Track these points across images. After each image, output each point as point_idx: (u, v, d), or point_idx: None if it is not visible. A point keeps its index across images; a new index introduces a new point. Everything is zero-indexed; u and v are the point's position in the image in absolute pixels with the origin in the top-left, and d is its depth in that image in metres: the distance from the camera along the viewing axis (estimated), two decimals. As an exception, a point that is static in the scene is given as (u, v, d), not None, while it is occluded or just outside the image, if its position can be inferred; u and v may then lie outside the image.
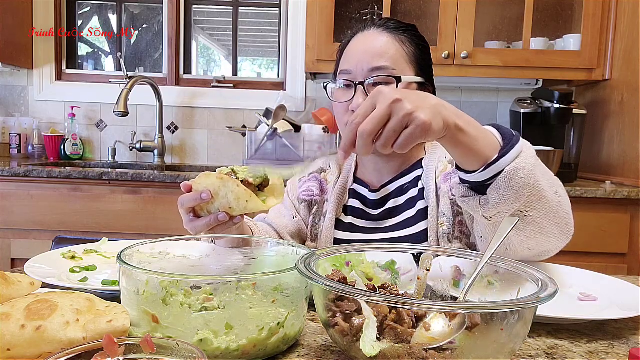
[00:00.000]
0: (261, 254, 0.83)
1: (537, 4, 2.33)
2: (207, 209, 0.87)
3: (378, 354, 0.54)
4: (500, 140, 0.79)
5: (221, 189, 0.82)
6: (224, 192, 0.81)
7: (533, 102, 2.41)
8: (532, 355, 0.66)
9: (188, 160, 2.84)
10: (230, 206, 0.82)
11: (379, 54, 1.07)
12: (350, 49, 1.12)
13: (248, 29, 2.99)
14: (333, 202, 1.17)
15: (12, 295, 0.62)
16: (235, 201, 0.81)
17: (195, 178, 0.86)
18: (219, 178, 0.81)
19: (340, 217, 1.17)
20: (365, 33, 1.12)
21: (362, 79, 1.07)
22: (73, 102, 2.78)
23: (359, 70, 1.07)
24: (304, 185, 1.23)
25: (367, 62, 1.07)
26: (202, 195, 0.83)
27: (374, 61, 1.06)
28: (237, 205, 0.82)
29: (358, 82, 1.07)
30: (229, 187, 0.81)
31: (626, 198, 2.01)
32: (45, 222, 2.14)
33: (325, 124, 2.45)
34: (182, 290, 0.65)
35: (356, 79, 1.08)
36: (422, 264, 0.76)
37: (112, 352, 0.47)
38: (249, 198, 0.80)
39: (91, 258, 1.00)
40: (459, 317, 0.56)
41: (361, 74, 1.07)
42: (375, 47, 1.08)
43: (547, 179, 0.82)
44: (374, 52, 1.07)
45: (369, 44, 1.09)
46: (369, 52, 1.07)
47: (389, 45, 1.08)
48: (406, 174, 1.16)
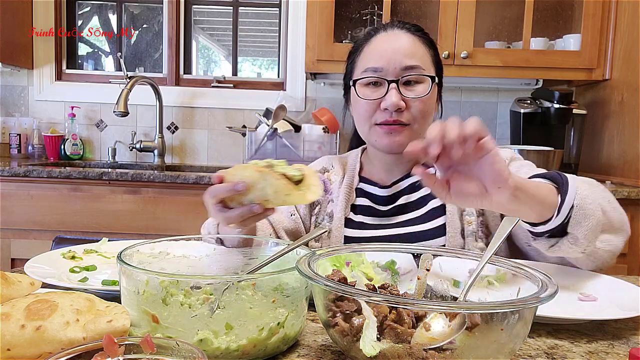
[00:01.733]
0: (261, 254, 0.83)
1: (537, 4, 2.33)
2: (239, 201, 0.84)
3: (378, 354, 0.54)
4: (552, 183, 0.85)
5: (259, 181, 0.79)
6: (262, 185, 0.79)
7: (533, 102, 2.41)
8: (532, 355, 0.66)
9: (188, 160, 2.84)
10: (267, 199, 0.80)
11: (410, 53, 1.09)
12: (376, 47, 1.12)
13: (248, 29, 2.99)
14: (341, 201, 1.17)
15: (12, 295, 0.62)
16: (273, 194, 0.79)
17: (229, 169, 0.84)
18: (258, 171, 0.79)
19: (350, 216, 1.17)
20: (389, 33, 1.12)
21: (394, 76, 1.07)
22: (73, 102, 2.78)
23: (391, 68, 1.07)
24: None
25: (399, 60, 1.07)
26: (238, 186, 0.80)
27: (406, 60, 1.08)
28: (275, 198, 0.80)
29: (391, 80, 1.07)
30: (269, 180, 0.79)
31: (626, 198, 2.01)
32: (45, 222, 2.14)
33: (325, 124, 2.45)
34: (182, 290, 0.65)
35: (387, 76, 1.08)
36: (422, 264, 0.76)
37: (112, 352, 0.47)
38: (288, 192, 0.78)
39: (91, 258, 1.00)
40: (459, 317, 0.56)
41: (393, 72, 1.08)
42: (405, 47, 1.09)
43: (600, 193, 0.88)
44: (405, 51, 1.08)
45: (397, 43, 1.10)
46: (400, 51, 1.08)
47: (417, 45, 1.11)
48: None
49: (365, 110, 1.11)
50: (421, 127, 1.10)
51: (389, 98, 1.06)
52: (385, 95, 1.07)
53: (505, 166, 0.71)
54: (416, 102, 1.08)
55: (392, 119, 1.07)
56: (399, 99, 1.06)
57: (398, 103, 1.06)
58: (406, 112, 1.08)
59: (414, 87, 1.09)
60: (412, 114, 1.08)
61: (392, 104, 1.06)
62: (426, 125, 1.11)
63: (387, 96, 1.07)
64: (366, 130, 1.13)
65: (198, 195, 2.14)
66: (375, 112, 1.10)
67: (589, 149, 2.51)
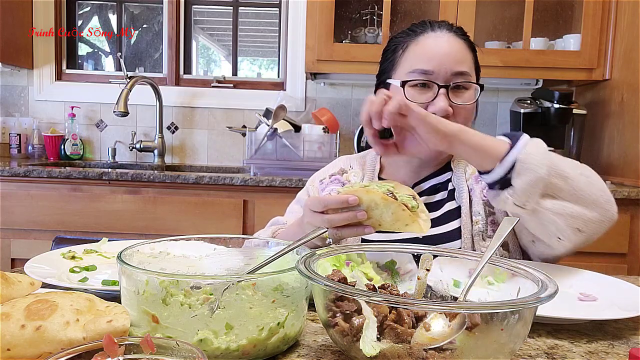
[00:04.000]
0: (261, 254, 0.83)
1: (537, 4, 2.33)
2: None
3: (378, 354, 0.54)
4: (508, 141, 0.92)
5: (381, 208, 0.81)
6: (382, 211, 0.81)
7: (533, 102, 2.41)
8: (532, 355, 0.66)
9: (188, 160, 2.84)
10: (381, 223, 0.82)
11: (461, 59, 1.08)
12: (426, 48, 1.09)
13: (248, 29, 2.99)
14: None
15: (12, 295, 0.62)
16: (391, 221, 0.81)
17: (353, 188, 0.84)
18: (384, 199, 0.80)
19: None
20: (438, 34, 1.10)
21: (444, 81, 1.06)
22: (73, 102, 2.78)
23: (442, 72, 1.06)
24: (326, 188, 1.20)
25: (450, 65, 1.06)
26: (350, 199, 0.80)
27: (457, 66, 1.06)
28: (391, 225, 0.82)
29: (442, 85, 1.06)
30: (392, 208, 0.80)
31: (626, 198, 2.01)
32: (45, 222, 2.14)
33: (325, 124, 2.45)
34: (182, 290, 0.65)
35: (437, 80, 1.06)
36: (422, 264, 0.76)
37: (112, 352, 0.47)
38: (410, 222, 0.80)
39: (91, 258, 1.00)
40: (459, 317, 0.56)
41: (443, 77, 1.06)
42: (455, 51, 1.08)
43: (568, 163, 0.92)
44: (456, 56, 1.07)
45: (448, 47, 1.08)
46: (451, 55, 1.07)
47: (465, 51, 1.10)
48: (439, 174, 1.17)
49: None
50: None
51: (437, 103, 1.05)
52: (433, 99, 1.06)
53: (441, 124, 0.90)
54: (462, 109, 1.07)
55: None
56: (447, 104, 1.05)
57: (447, 109, 1.05)
58: (452, 118, 1.05)
59: (461, 93, 1.08)
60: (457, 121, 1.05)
61: (441, 109, 1.04)
62: None
63: (436, 101, 1.05)
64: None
65: (198, 195, 2.15)
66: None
67: (589, 149, 2.51)
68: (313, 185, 1.24)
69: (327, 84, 2.75)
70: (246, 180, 2.10)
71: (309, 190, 1.25)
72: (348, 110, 2.79)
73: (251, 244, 0.89)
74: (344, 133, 2.73)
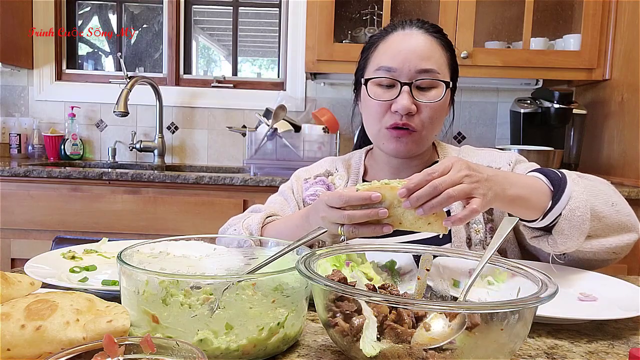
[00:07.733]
0: (261, 254, 0.83)
1: (537, 4, 2.33)
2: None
3: (378, 354, 0.54)
4: (550, 186, 0.88)
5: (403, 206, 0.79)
6: (404, 209, 0.79)
7: (533, 102, 2.41)
8: (532, 355, 0.66)
9: (188, 160, 2.84)
10: (402, 222, 0.80)
11: (426, 56, 1.05)
12: (392, 46, 1.08)
13: (248, 29, 2.99)
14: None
15: (12, 295, 0.62)
16: (413, 219, 0.79)
17: (375, 185, 0.82)
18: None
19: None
20: (407, 32, 1.08)
21: (407, 79, 1.04)
22: (73, 102, 2.78)
23: (405, 69, 1.04)
24: (310, 188, 1.20)
25: (414, 62, 1.04)
26: (373, 196, 0.78)
27: (422, 63, 1.04)
28: (412, 224, 0.80)
29: (404, 82, 1.04)
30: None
31: (626, 198, 2.00)
32: (45, 222, 2.14)
33: (325, 124, 2.45)
34: (182, 290, 0.65)
35: (400, 77, 1.05)
36: (422, 264, 0.76)
37: (112, 352, 0.47)
38: (432, 221, 0.79)
39: (91, 258, 1.00)
40: (459, 317, 0.56)
41: (407, 74, 1.04)
42: (421, 48, 1.05)
43: (602, 198, 0.90)
44: (421, 53, 1.05)
45: (414, 44, 1.06)
46: (416, 52, 1.05)
47: (434, 48, 1.07)
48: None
49: (375, 110, 1.08)
50: (429, 133, 1.09)
51: (400, 101, 1.03)
52: (396, 97, 1.04)
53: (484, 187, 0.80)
54: (427, 107, 1.05)
55: (401, 122, 1.05)
56: (410, 102, 1.03)
57: (409, 107, 1.03)
58: (416, 116, 1.05)
59: (427, 91, 1.06)
60: (422, 120, 1.06)
61: (402, 107, 1.03)
62: (435, 131, 1.10)
63: (399, 99, 1.04)
64: (375, 131, 1.11)
65: (198, 195, 2.15)
66: (386, 114, 1.07)
67: (589, 149, 2.51)
68: (298, 181, 1.24)
69: (327, 84, 2.75)
70: (246, 180, 2.10)
71: (293, 185, 1.23)
72: (348, 110, 2.77)
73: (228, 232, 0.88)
74: (344, 133, 2.73)
